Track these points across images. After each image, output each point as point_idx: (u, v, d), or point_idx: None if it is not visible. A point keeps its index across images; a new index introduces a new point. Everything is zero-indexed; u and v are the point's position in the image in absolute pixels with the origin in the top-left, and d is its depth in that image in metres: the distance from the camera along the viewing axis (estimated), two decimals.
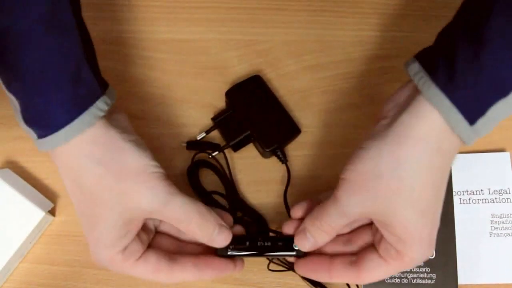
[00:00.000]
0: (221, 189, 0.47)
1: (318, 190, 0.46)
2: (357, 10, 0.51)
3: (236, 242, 0.38)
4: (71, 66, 0.32)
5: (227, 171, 0.47)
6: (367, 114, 0.49)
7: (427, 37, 0.32)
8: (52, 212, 0.48)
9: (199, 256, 0.37)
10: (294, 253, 0.38)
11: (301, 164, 0.48)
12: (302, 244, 0.37)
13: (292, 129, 0.47)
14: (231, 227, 0.38)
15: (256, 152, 0.48)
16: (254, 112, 0.47)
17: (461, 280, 0.45)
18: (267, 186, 0.47)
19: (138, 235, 0.35)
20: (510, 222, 0.46)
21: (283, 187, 0.46)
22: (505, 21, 0.27)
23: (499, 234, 0.46)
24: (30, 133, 0.33)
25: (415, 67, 0.31)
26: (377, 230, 0.35)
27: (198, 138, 0.47)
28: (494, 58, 0.28)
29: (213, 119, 0.48)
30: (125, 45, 0.51)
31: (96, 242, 0.34)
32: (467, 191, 0.47)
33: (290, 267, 0.45)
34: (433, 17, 0.51)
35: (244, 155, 0.48)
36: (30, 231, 0.44)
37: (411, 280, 0.45)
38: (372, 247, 0.35)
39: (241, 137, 0.46)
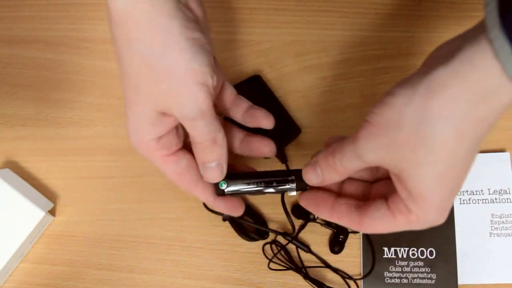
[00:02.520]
0: None
1: None
2: (357, 10, 0.51)
3: (234, 179, 0.37)
4: None
5: None
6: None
7: (427, 37, 0.32)
8: (52, 212, 0.48)
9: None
10: (293, 185, 0.37)
11: (301, 164, 0.48)
12: (310, 177, 0.35)
13: (292, 129, 0.47)
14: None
15: None
16: None
17: (461, 280, 0.45)
18: None
19: (176, 128, 0.35)
20: (510, 222, 0.46)
21: None
22: None
23: (499, 234, 0.46)
24: None
25: None
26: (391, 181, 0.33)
27: None
28: None
29: None
30: None
31: (132, 122, 0.34)
32: (467, 191, 0.47)
33: (290, 266, 0.45)
34: (433, 17, 0.51)
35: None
36: (30, 231, 0.44)
37: (411, 280, 0.45)
38: (383, 198, 0.33)
39: None
